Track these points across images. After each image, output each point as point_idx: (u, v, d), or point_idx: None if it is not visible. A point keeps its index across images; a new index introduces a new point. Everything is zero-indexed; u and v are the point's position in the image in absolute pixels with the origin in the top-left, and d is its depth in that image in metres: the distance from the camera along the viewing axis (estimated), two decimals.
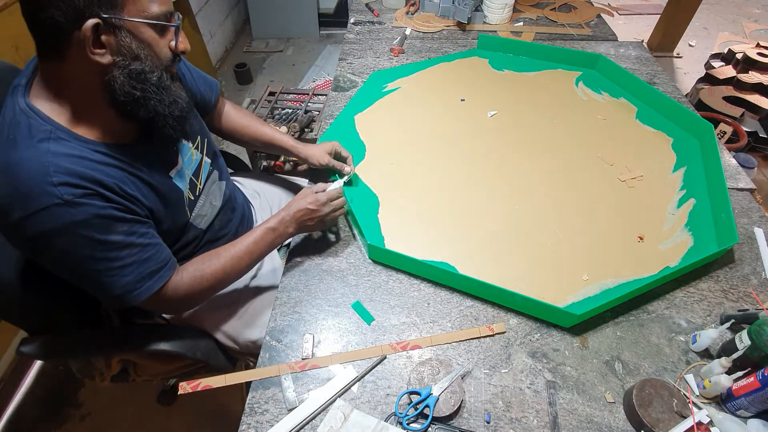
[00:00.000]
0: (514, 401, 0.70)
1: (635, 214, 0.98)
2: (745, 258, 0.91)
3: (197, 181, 0.86)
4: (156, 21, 0.62)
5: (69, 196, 0.59)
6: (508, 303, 0.82)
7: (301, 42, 3.29)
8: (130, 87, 0.62)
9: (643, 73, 1.42)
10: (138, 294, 0.69)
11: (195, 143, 0.87)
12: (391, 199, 1.01)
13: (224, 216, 0.94)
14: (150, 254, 0.69)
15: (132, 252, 0.67)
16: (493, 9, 1.65)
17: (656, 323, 0.80)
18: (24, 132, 0.60)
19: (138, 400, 1.44)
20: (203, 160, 0.89)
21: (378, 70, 1.42)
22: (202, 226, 0.87)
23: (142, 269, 0.68)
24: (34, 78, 0.64)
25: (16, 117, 0.61)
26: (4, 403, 1.42)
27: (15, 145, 0.59)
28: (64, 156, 0.60)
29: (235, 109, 1.06)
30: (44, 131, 0.60)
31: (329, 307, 0.83)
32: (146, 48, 0.62)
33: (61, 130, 0.62)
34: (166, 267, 0.72)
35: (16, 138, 0.59)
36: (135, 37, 0.60)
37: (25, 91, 0.63)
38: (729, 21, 3.62)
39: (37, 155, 0.59)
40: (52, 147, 0.60)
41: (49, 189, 0.58)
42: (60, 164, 0.59)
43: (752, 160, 2.09)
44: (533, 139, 1.18)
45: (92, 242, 0.62)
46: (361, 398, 0.71)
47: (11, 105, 0.62)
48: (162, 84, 0.66)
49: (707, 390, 0.69)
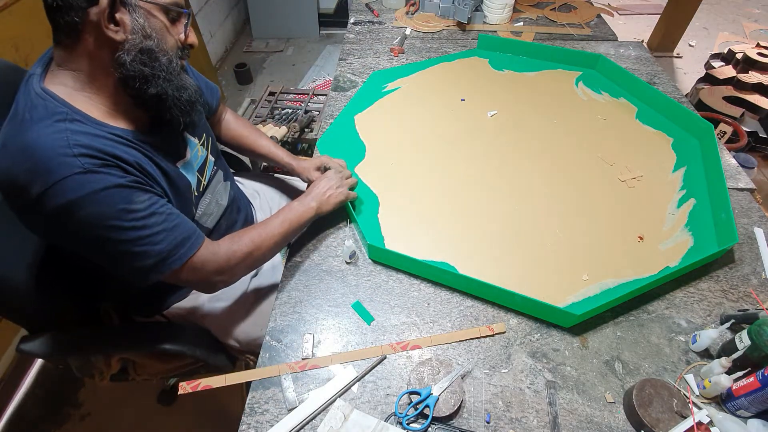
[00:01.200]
0: (514, 401, 0.70)
1: (635, 214, 0.98)
2: (745, 258, 0.91)
3: (202, 177, 0.86)
4: (169, 6, 0.66)
5: (89, 165, 0.59)
6: (508, 303, 0.82)
7: (301, 42, 3.29)
8: (140, 63, 0.64)
9: (643, 73, 1.42)
10: (172, 262, 0.67)
11: (201, 140, 0.88)
12: (391, 199, 1.01)
13: (230, 216, 0.95)
14: (176, 222, 0.69)
15: (159, 220, 0.66)
16: (493, 9, 1.65)
17: (656, 323, 0.80)
18: (41, 112, 0.60)
19: (138, 400, 1.44)
20: (208, 158, 0.89)
21: (378, 70, 1.42)
22: (208, 225, 0.88)
23: (173, 236, 0.67)
24: (48, 68, 0.66)
25: (33, 100, 0.62)
26: (4, 403, 1.42)
27: (33, 124, 0.60)
28: (82, 134, 0.61)
29: (235, 117, 1.08)
30: (61, 113, 0.61)
31: (329, 307, 0.83)
32: (158, 31, 0.65)
33: (77, 113, 0.63)
34: (196, 235, 0.71)
35: (33, 117, 0.60)
36: (148, 17, 0.64)
37: (41, 79, 0.64)
38: (729, 21, 3.62)
39: (55, 131, 0.59)
40: (69, 126, 0.61)
41: (70, 160, 0.58)
42: (79, 139, 0.60)
43: (752, 160, 2.10)
44: (533, 139, 1.18)
45: (117, 211, 0.62)
46: (361, 398, 0.71)
47: (26, 91, 0.63)
48: (171, 67, 0.68)
49: (707, 390, 0.69)
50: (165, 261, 0.67)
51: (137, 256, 0.65)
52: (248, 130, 1.07)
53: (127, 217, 0.63)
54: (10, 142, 0.60)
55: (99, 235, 0.62)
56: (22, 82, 0.66)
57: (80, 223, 0.61)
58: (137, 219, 0.63)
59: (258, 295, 0.97)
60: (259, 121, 1.83)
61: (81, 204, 0.59)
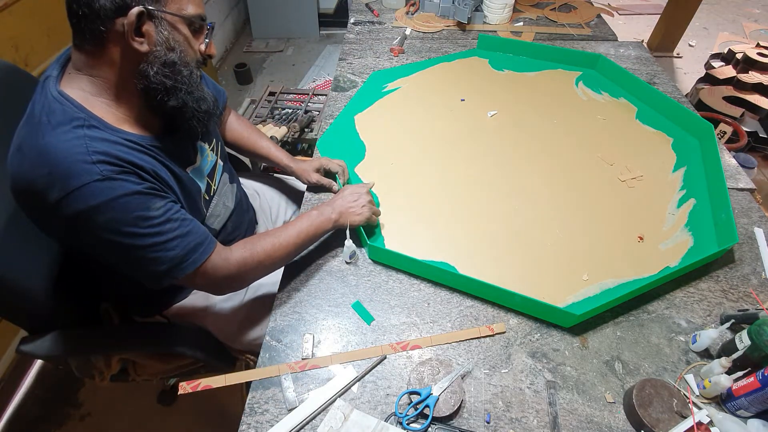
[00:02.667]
0: (514, 401, 0.70)
1: (635, 214, 0.98)
2: (745, 258, 0.91)
3: (212, 182, 0.87)
4: (192, 19, 0.66)
5: (108, 172, 0.60)
6: (508, 303, 0.82)
7: (301, 42, 3.28)
8: (163, 76, 0.65)
9: (643, 73, 1.42)
10: (184, 267, 0.68)
11: (211, 145, 0.88)
12: (391, 199, 1.01)
13: (237, 218, 0.95)
14: (190, 228, 0.69)
15: (173, 227, 0.67)
16: (493, 9, 1.65)
17: (656, 323, 0.80)
18: (59, 117, 0.61)
19: (138, 400, 1.44)
20: (218, 162, 0.90)
21: (378, 70, 1.42)
22: (216, 227, 0.88)
23: (186, 242, 0.68)
24: (64, 71, 0.66)
25: (50, 104, 0.62)
26: (4, 403, 1.42)
27: (51, 128, 0.60)
28: (100, 140, 0.62)
29: (237, 118, 1.09)
30: (79, 118, 0.62)
31: (329, 307, 0.83)
32: (180, 43, 0.66)
33: (93, 119, 0.63)
34: (207, 240, 0.72)
35: (51, 121, 0.61)
36: (172, 30, 0.65)
37: (57, 82, 0.64)
38: (729, 21, 3.62)
39: (73, 137, 0.60)
40: (87, 132, 0.61)
41: (89, 167, 0.59)
42: (97, 146, 0.61)
43: (752, 160, 2.09)
44: (533, 139, 1.18)
45: (133, 218, 0.63)
46: (361, 398, 0.71)
47: (43, 93, 0.63)
48: (192, 79, 0.69)
49: (707, 390, 0.69)
50: (178, 266, 0.68)
51: (152, 262, 0.66)
52: (249, 131, 1.08)
53: (143, 224, 0.64)
54: (27, 146, 0.61)
55: (115, 240, 0.63)
56: (38, 83, 0.66)
57: (97, 229, 0.62)
58: (153, 226, 0.65)
59: (258, 296, 0.97)
60: (259, 121, 1.83)
61: (99, 210, 0.60)
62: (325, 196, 1.04)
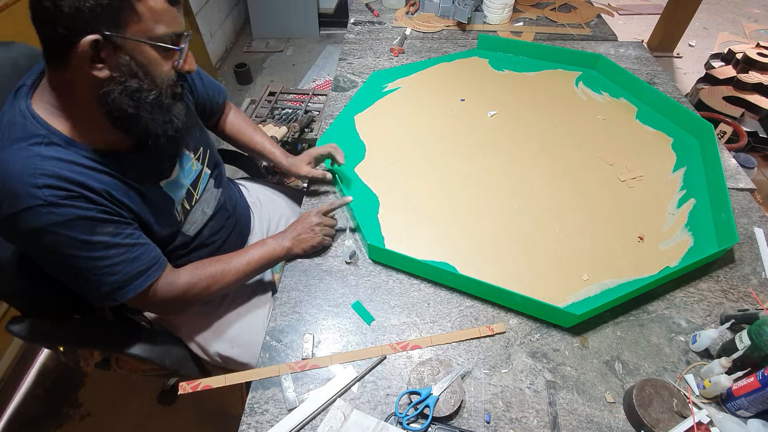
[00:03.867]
0: (514, 401, 0.70)
1: (635, 214, 0.98)
2: (745, 258, 0.91)
3: (194, 191, 0.87)
4: (160, 43, 0.62)
5: (52, 198, 0.60)
6: (508, 303, 0.82)
7: (301, 42, 3.28)
8: (123, 104, 0.63)
9: (643, 73, 1.42)
10: (125, 292, 0.70)
11: (197, 154, 0.88)
12: (391, 199, 1.01)
13: (215, 223, 0.93)
14: (138, 254, 0.70)
15: (119, 252, 0.68)
16: (493, 9, 1.65)
17: (656, 323, 0.80)
18: (19, 132, 0.61)
19: (138, 400, 1.44)
20: (203, 171, 0.89)
21: (378, 70, 1.42)
22: (190, 233, 0.87)
23: (131, 268, 0.69)
24: (39, 81, 0.66)
25: (14, 118, 0.62)
26: (5, 403, 1.42)
27: (9, 143, 0.61)
28: (53, 159, 0.61)
29: (237, 114, 1.08)
30: (39, 135, 0.62)
31: (329, 307, 0.83)
32: (146, 68, 0.62)
33: (56, 135, 0.63)
34: (155, 266, 0.73)
35: (11, 136, 0.61)
36: (135, 56, 0.61)
37: (29, 93, 0.64)
38: (729, 21, 3.62)
39: (26, 156, 0.60)
40: (42, 151, 0.61)
41: (32, 190, 0.59)
42: (47, 167, 0.60)
43: (752, 160, 2.09)
44: (533, 139, 1.18)
45: (77, 242, 0.63)
46: (361, 398, 0.71)
47: (13, 105, 0.64)
48: (159, 103, 0.66)
49: (707, 390, 0.69)
50: (120, 290, 0.69)
51: (93, 284, 0.68)
52: (245, 126, 1.07)
53: (87, 248, 0.65)
54: None
55: (59, 261, 0.65)
56: (11, 91, 0.66)
57: (41, 249, 0.64)
58: (96, 250, 0.65)
59: (230, 312, 0.96)
60: (259, 121, 1.83)
61: (43, 233, 0.61)
62: (325, 199, 1.04)
